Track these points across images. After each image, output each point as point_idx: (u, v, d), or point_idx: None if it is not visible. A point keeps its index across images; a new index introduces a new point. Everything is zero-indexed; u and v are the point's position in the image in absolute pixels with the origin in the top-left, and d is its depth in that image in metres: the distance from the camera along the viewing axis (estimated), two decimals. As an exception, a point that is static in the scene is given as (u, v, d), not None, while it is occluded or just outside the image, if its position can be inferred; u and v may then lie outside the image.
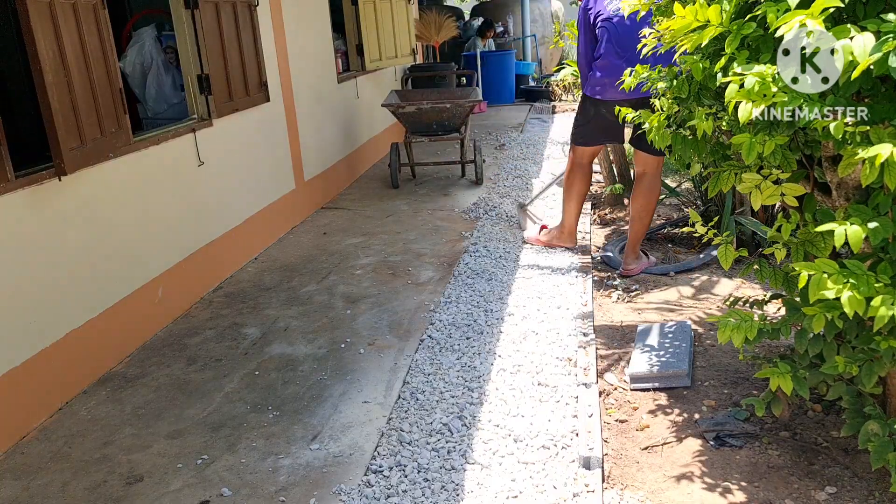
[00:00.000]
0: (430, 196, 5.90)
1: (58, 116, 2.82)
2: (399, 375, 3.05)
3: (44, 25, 2.78)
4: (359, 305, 3.77)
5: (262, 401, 2.90)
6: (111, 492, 2.40)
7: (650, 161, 4.04)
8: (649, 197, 4.08)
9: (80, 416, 2.87)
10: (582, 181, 4.37)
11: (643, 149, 3.96)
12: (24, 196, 2.80)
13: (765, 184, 1.95)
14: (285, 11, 5.08)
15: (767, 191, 1.95)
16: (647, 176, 4.07)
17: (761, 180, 1.96)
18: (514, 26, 12.38)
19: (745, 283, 3.84)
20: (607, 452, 2.51)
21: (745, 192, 2.02)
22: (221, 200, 4.26)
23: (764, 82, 1.66)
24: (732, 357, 3.07)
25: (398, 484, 2.36)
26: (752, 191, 1.98)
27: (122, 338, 3.34)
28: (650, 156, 4.01)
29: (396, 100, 6.35)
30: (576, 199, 4.40)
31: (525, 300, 3.74)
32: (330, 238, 4.93)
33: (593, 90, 4.03)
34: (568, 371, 3.00)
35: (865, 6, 1.72)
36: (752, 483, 2.29)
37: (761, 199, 1.98)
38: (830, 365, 2.07)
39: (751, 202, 2.02)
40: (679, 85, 2.26)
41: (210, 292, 4.06)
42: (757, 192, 1.98)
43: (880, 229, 1.67)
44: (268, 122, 4.86)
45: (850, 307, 1.62)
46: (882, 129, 1.62)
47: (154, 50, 4.89)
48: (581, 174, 4.36)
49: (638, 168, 4.15)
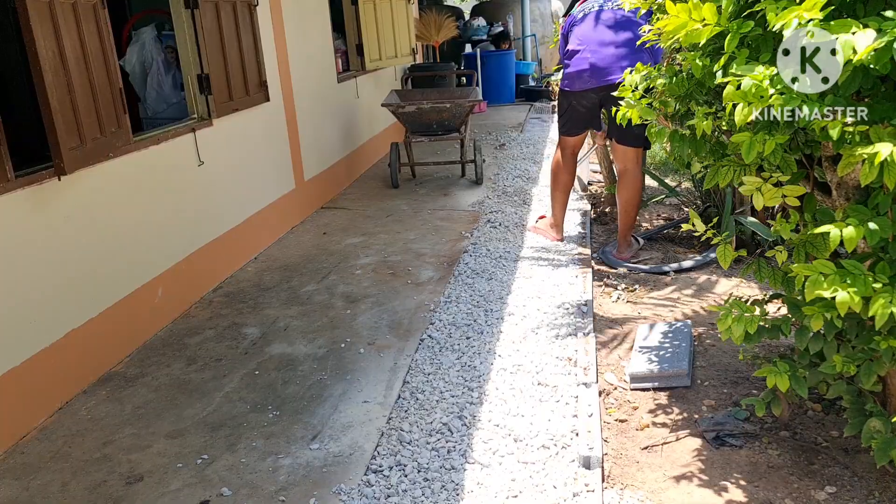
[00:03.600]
0: (430, 196, 5.90)
1: (58, 116, 2.82)
2: (399, 375, 3.05)
3: (44, 25, 2.78)
4: (359, 305, 3.77)
5: (262, 400, 2.90)
6: (111, 492, 2.40)
7: (629, 154, 4.22)
8: (633, 190, 4.27)
9: (80, 415, 2.87)
10: (567, 176, 4.59)
11: (621, 141, 4.20)
12: (23, 196, 2.80)
13: (765, 186, 1.95)
14: (285, 11, 5.08)
15: (768, 193, 1.95)
16: (628, 171, 4.26)
17: (762, 183, 1.96)
18: (514, 26, 12.37)
19: (745, 282, 3.84)
20: (607, 452, 2.51)
21: (746, 194, 2.02)
22: (221, 200, 4.26)
23: (760, 85, 1.67)
24: (732, 357, 3.07)
25: (398, 483, 2.36)
26: (754, 193, 1.99)
27: (122, 338, 3.35)
28: (629, 148, 4.20)
29: (396, 100, 6.35)
30: (562, 189, 4.61)
31: (525, 300, 3.74)
32: (330, 238, 4.93)
33: (563, 83, 4.33)
34: (568, 371, 3.00)
35: (865, 5, 1.72)
36: (751, 483, 2.29)
37: (763, 200, 1.98)
38: (829, 364, 2.07)
39: (752, 202, 2.02)
40: (679, 82, 2.26)
41: (210, 292, 4.06)
42: (758, 195, 1.98)
43: (878, 230, 1.67)
44: (268, 122, 4.86)
45: (843, 307, 1.63)
46: (882, 129, 1.62)
47: (154, 50, 4.89)
48: (566, 169, 4.58)
49: (618, 164, 4.34)
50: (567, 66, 4.22)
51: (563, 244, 4.55)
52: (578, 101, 4.25)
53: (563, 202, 4.62)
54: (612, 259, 4.27)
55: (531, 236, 4.74)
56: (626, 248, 4.32)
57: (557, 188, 4.61)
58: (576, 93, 4.22)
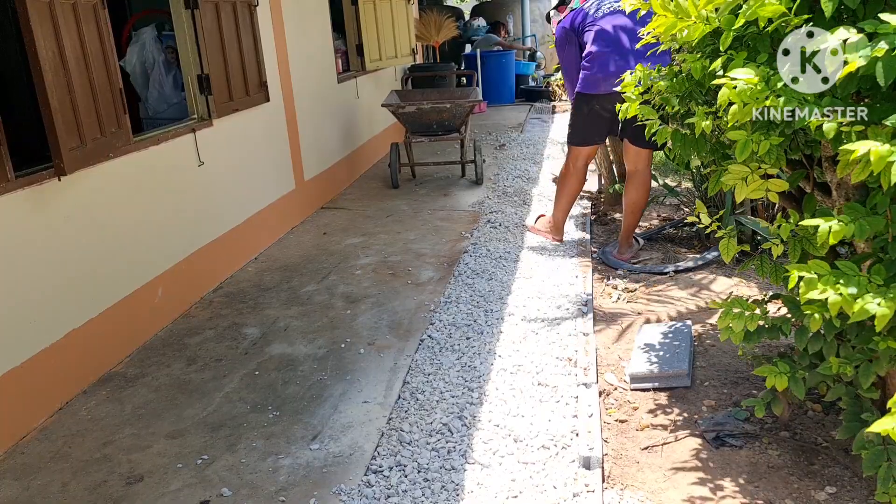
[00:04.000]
0: (430, 196, 5.90)
1: (58, 116, 2.82)
2: (399, 375, 3.05)
3: (44, 25, 2.78)
4: (359, 305, 3.77)
5: (262, 401, 2.90)
6: (111, 492, 2.40)
7: (642, 155, 4.17)
8: (642, 191, 4.22)
9: (80, 416, 2.87)
10: (576, 183, 4.51)
11: (635, 142, 4.12)
12: (23, 196, 2.80)
13: (751, 177, 1.93)
14: (285, 11, 5.08)
15: (753, 184, 1.93)
16: (639, 171, 4.21)
17: (749, 173, 1.94)
18: (514, 26, 12.38)
19: (744, 282, 3.84)
20: (607, 452, 2.51)
21: (730, 183, 1.98)
22: (221, 200, 4.26)
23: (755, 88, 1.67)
24: (732, 357, 3.07)
25: (398, 484, 2.36)
26: (738, 183, 1.96)
27: (122, 338, 3.35)
28: (642, 150, 4.14)
29: (396, 100, 6.35)
30: (567, 198, 4.55)
31: (525, 300, 3.74)
32: (330, 238, 4.93)
33: (586, 86, 4.13)
34: (568, 371, 3.00)
35: (865, 5, 1.72)
36: (752, 483, 2.29)
37: (746, 192, 1.96)
38: (826, 365, 2.06)
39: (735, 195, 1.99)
40: (679, 83, 2.26)
41: (210, 292, 4.06)
42: (742, 185, 1.96)
43: (866, 226, 1.67)
44: (268, 122, 4.86)
45: (835, 308, 1.63)
46: (880, 129, 1.62)
47: (154, 50, 4.89)
48: (577, 176, 4.49)
49: (629, 164, 4.26)
50: (589, 69, 4.07)
51: (562, 245, 4.55)
52: (602, 105, 4.08)
53: (566, 207, 4.56)
54: (612, 260, 4.27)
55: (531, 236, 4.74)
56: (627, 248, 4.29)
57: (564, 193, 4.51)
58: (600, 96, 4.06)
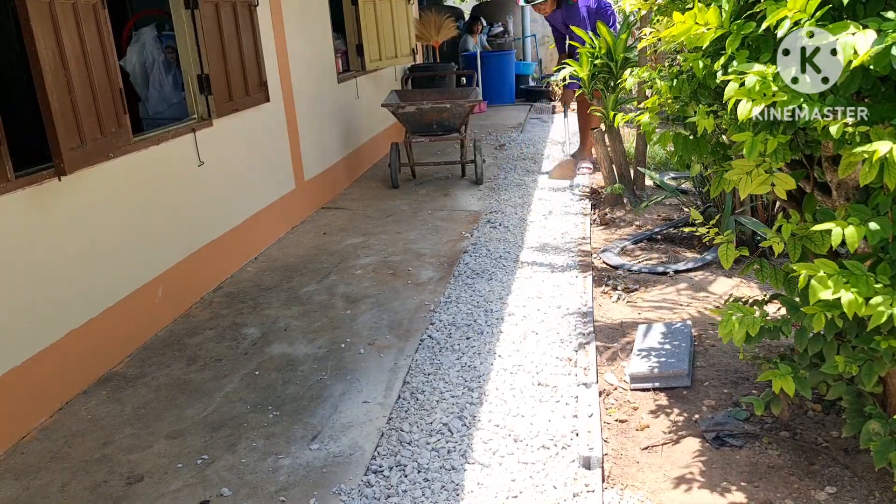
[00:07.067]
0: (430, 196, 5.90)
1: (58, 116, 2.82)
2: (399, 375, 3.04)
3: (44, 25, 2.77)
4: (359, 305, 3.77)
5: (262, 401, 2.90)
6: (111, 492, 2.40)
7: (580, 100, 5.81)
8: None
9: (80, 416, 2.87)
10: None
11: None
12: (24, 196, 2.80)
13: (756, 171, 1.92)
14: (285, 11, 5.08)
15: (758, 179, 1.92)
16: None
17: (753, 167, 1.93)
18: (514, 26, 12.37)
19: (745, 283, 3.84)
20: (607, 452, 2.51)
21: (734, 178, 1.96)
22: (221, 200, 4.26)
23: (765, 81, 1.66)
24: (732, 357, 3.07)
25: (398, 484, 2.36)
26: (743, 178, 1.94)
27: (122, 338, 3.34)
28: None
29: (396, 100, 6.35)
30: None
31: (525, 300, 3.74)
32: (330, 238, 4.93)
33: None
34: (568, 371, 3.00)
35: (865, 5, 1.72)
36: (752, 483, 2.29)
37: (750, 187, 1.94)
38: (830, 365, 2.06)
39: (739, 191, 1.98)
40: (679, 84, 2.26)
41: (210, 292, 4.06)
42: (746, 180, 1.94)
43: (880, 230, 1.67)
44: (268, 122, 4.86)
45: (850, 309, 1.62)
46: (882, 129, 1.62)
47: (154, 50, 4.89)
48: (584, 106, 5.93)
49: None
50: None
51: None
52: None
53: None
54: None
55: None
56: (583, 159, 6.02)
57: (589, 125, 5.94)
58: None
